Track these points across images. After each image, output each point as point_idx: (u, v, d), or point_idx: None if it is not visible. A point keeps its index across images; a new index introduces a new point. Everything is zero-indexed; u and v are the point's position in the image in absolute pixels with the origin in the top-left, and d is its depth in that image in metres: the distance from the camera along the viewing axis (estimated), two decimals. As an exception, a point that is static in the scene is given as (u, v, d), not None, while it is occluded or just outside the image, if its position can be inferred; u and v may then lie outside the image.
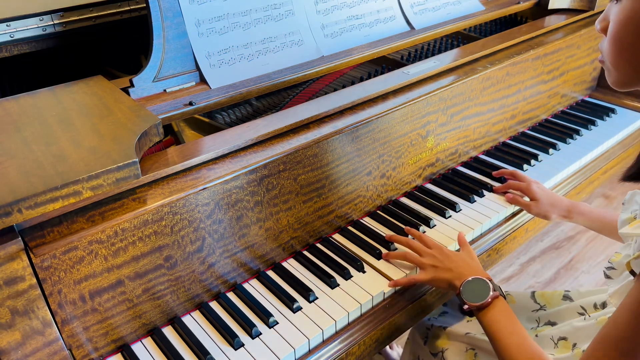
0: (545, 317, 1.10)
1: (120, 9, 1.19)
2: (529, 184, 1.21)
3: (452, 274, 0.96)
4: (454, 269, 0.96)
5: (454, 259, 0.98)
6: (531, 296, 1.15)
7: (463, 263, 0.97)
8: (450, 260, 0.98)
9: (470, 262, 0.98)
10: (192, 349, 0.88)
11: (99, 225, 0.77)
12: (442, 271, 0.97)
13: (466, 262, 0.97)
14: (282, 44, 1.14)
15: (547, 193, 1.19)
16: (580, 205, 1.16)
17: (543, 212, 1.18)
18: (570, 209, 1.15)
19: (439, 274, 0.97)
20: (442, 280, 0.97)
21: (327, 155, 1.02)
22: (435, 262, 0.98)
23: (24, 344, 0.74)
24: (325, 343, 0.92)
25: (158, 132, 0.83)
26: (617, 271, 0.85)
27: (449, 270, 0.96)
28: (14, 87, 1.21)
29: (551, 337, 1.02)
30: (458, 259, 0.98)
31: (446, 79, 1.21)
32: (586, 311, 1.03)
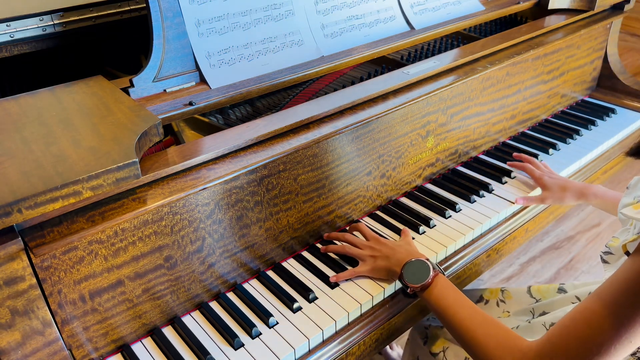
0: (539, 308, 1.10)
1: (120, 9, 1.19)
2: (541, 175, 1.23)
3: (389, 262, 0.97)
4: (391, 256, 0.97)
5: (391, 245, 1.00)
6: (527, 291, 1.15)
7: (400, 249, 0.98)
8: (388, 248, 0.99)
9: (407, 247, 0.99)
10: (192, 349, 0.88)
11: (99, 225, 0.77)
12: (380, 259, 0.98)
13: (403, 247, 0.99)
14: (282, 44, 1.14)
15: (557, 180, 1.21)
16: (593, 187, 1.17)
17: (557, 199, 1.20)
18: (584, 191, 1.17)
19: (377, 263, 0.98)
20: (381, 269, 0.98)
21: (327, 155, 1.02)
22: (373, 252, 1.00)
23: (24, 344, 0.74)
24: (325, 343, 0.92)
25: (158, 132, 0.83)
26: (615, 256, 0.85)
27: (386, 257, 0.97)
28: (14, 87, 1.21)
29: (543, 324, 1.02)
30: (395, 245, 1.00)
31: (446, 79, 1.21)
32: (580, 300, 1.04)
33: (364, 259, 1.00)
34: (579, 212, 2.44)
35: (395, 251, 0.98)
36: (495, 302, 1.19)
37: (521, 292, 1.16)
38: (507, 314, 1.16)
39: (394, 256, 0.97)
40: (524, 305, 1.14)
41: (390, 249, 0.99)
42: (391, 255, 0.98)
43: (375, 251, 1.00)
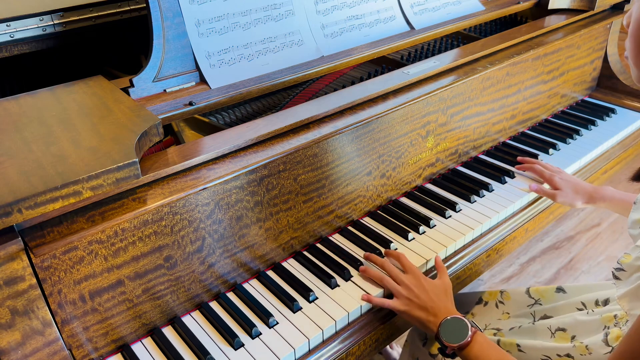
0: (541, 311, 1.10)
1: (120, 9, 1.19)
2: (552, 176, 1.24)
3: (426, 314, 0.92)
4: (429, 308, 0.92)
5: (430, 295, 0.93)
6: (526, 292, 1.15)
7: (438, 301, 0.93)
8: (426, 296, 0.93)
9: (445, 301, 0.94)
10: (192, 349, 0.88)
11: (99, 225, 0.77)
12: (416, 308, 0.93)
13: (442, 301, 0.93)
14: (282, 44, 1.14)
15: (570, 181, 1.22)
16: (603, 190, 1.17)
17: (568, 200, 1.20)
18: (593, 195, 1.18)
19: (413, 311, 0.93)
20: (415, 318, 0.93)
21: (327, 155, 1.02)
22: (410, 295, 0.94)
23: (24, 344, 0.74)
24: (325, 343, 0.92)
25: (158, 132, 0.83)
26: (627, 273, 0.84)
27: (423, 308, 0.92)
28: (14, 87, 1.21)
29: (549, 327, 1.02)
30: (433, 296, 0.93)
31: (446, 79, 1.21)
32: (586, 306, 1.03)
33: (400, 298, 0.95)
34: (579, 212, 2.44)
35: (433, 303, 0.92)
36: (494, 303, 1.19)
37: (520, 293, 1.16)
38: (507, 315, 1.16)
39: (432, 309, 0.92)
40: (523, 306, 1.14)
41: (430, 299, 0.93)
42: (429, 307, 0.92)
43: (413, 295, 0.94)
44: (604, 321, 0.94)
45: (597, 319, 0.95)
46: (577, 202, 1.20)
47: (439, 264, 1.03)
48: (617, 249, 2.21)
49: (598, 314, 0.96)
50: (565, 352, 0.95)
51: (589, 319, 0.97)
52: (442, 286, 0.96)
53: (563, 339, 0.99)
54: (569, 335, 0.98)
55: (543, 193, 1.25)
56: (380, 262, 1.02)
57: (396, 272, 0.99)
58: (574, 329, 0.98)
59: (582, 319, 0.98)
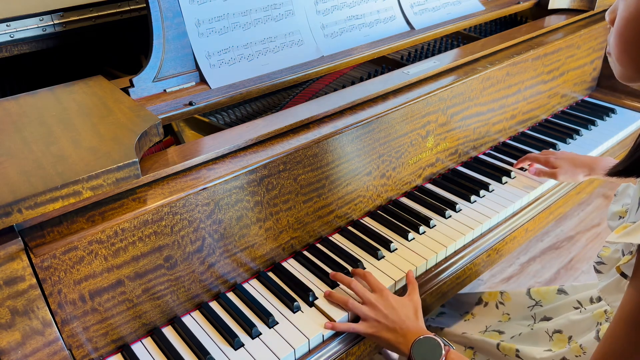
0: (541, 313, 1.10)
1: (120, 9, 1.19)
2: (547, 157, 1.25)
3: (395, 336, 0.87)
4: (398, 330, 0.87)
5: (400, 314, 0.89)
6: (527, 293, 1.15)
7: (407, 320, 0.88)
8: (396, 316, 0.89)
9: (414, 319, 0.89)
10: (192, 349, 0.88)
11: (99, 225, 0.77)
12: (385, 330, 0.88)
13: (410, 320, 0.89)
14: (282, 44, 1.14)
15: (566, 158, 1.23)
16: (601, 160, 1.18)
17: (569, 176, 1.22)
18: (593, 166, 1.19)
19: (381, 333, 0.89)
20: (384, 340, 0.89)
21: (327, 155, 1.02)
22: (378, 316, 0.89)
23: (24, 344, 0.74)
24: (325, 343, 0.92)
25: (158, 132, 0.83)
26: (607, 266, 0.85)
27: (392, 330, 0.88)
28: (14, 87, 1.21)
29: (546, 330, 1.02)
30: (403, 315, 0.89)
31: (446, 79, 1.21)
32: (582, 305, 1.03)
33: (367, 320, 0.91)
34: (579, 212, 2.44)
35: (403, 324, 0.88)
36: (494, 304, 1.19)
37: (520, 294, 1.16)
38: (507, 317, 1.16)
39: (401, 331, 0.87)
40: (523, 307, 1.14)
41: (398, 319, 0.88)
42: (398, 328, 0.87)
43: (381, 315, 0.89)
44: (595, 318, 0.94)
45: (589, 316, 0.96)
46: (579, 176, 1.20)
47: (410, 279, 0.99)
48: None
49: (590, 311, 0.97)
50: (561, 357, 0.95)
51: (581, 318, 0.97)
52: (412, 305, 0.92)
53: (561, 341, 0.99)
54: (566, 337, 0.99)
55: (543, 174, 1.25)
56: (347, 281, 0.96)
57: (362, 291, 0.94)
58: (569, 330, 0.99)
59: (575, 319, 0.98)
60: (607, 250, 0.84)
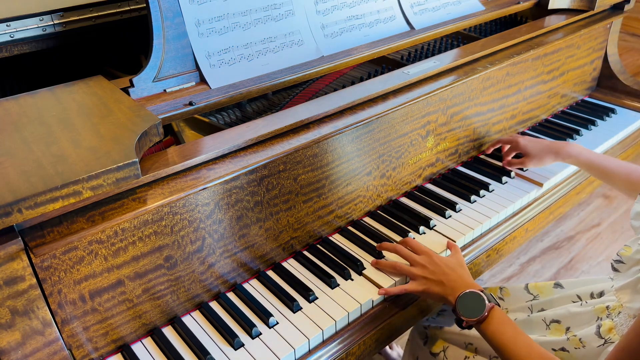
0: (538, 305, 1.10)
1: (120, 9, 1.19)
2: (516, 140, 1.30)
3: (443, 288, 0.93)
4: (446, 282, 0.93)
5: (445, 269, 0.95)
6: (525, 287, 1.16)
7: (454, 275, 0.94)
8: (442, 271, 0.95)
9: (461, 273, 0.95)
10: (192, 349, 0.88)
11: (99, 225, 0.77)
12: (434, 284, 0.94)
13: (457, 274, 0.94)
14: (282, 44, 1.14)
15: (534, 142, 1.28)
16: (569, 146, 1.22)
17: (537, 161, 1.27)
18: (559, 151, 1.23)
19: (431, 287, 0.94)
20: (433, 294, 0.94)
21: (327, 155, 1.02)
22: (426, 273, 0.95)
23: (24, 344, 0.74)
24: (325, 343, 0.92)
25: (158, 132, 0.83)
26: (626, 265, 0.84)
27: (440, 283, 0.93)
28: (14, 87, 1.21)
29: (543, 319, 1.02)
30: (449, 270, 0.95)
31: (446, 79, 1.21)
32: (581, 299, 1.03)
33: (416, 278, 0.96)
34: (579, 212, 2.45)
35: (449, 277, 0.93)
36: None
37: (519, 289, 1.16)
38: (505, 311, 1.16)
39: (448, 283, 0.92)
40: (522, 301, 1.14)
41: (444, 273, 0.94)
42: (445, 281, 0.93)
43: (427, 272, 0.95)
44: (596, 312, 0.94)
45: (589, 310, 0.96)
46: (546, 159, 1.24)
47: (451, 244, 1.07)
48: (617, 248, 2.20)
49: (591, 305, 0.97)
50: (560, 346, 0.95)
51: (582, 310, 0.97)
52: (456, 260, 0.98)
53: (558, 330, 1.00)
54: (564, 327, 0.99)
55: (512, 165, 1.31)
56: (392, 247, 1.03)
57: (408, 254, 1.00)
58: (568, 321, 0.99)
59: (575, 310, 0.98)
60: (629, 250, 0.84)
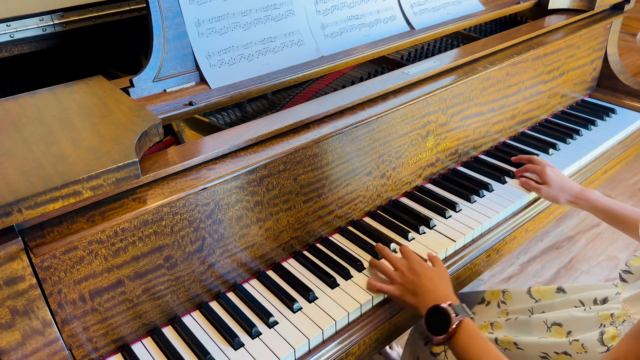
0: (539, 308, 1.10)
1: (120, 9, 1.19)
2: (544, 168, 1.24)
3: (416, 300, 0.91)
4: (419, 294, 0.91)
5: (423, 279, 0.93)
6: (527, 292, 1.16)
7: (430, 286, 0.91)
8: (418, 281, 0.93)
9: (437, 284, 0.92)
10: (192, 349, 0.88)
11: (99, 225, 0.77)
12: (408, 293, 0.93)
13: (433, 285, 0.92)
14: (282, 44, 1.14)
15: (559, 178, 1.22)
16: (588, 192, 1.17)
17: (552, 196, 1.21)
18: (578, 196, 1.18)
19: (405, 296, 0.93)
20: (407, 303, 0.93)
21: (327, 155, 1.02)
22: (403, 281, 0.95)
23: (24, 344, 0.74)
24: (325, 343, 0.92)
25: (158, 132, 0.83)
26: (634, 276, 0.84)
27: (413, 294, 0.92)
28: (14, 87, 1.21)
29: (544, 321, 1.02)
30: (426, 280, 0.93)
31: (446, 79, 1.21)
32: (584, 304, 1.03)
33: (394, 283, 0.97)
34: (579, 212, 2.44)
35: (424, 289, 0.91)
36: (496, 303, 1.19)
37: (521, 293, 1.16)
38: (506, 312, 1.16)
39: (421, 295, 0.91)
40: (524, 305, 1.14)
41: (420, 283, 0.92)
42: (420, 292, 0.91)
43: (406, 280, 0.94)
44: (600, 319, 0.94)
45: (593, 316, 0.95)
46: (561, 200, 1.20)
47: (430, 256, 1.03)
48: (617, 249, 2.21)
49: (595, 311, 0.96)
50: (563, 350, 0.95)
51: (585, 315, 0.97)
52: (437, 270, 0.96)
53: (559, 333, 0.99)
54: (565, 330, 0.99)
55: (528, 186, 1.25)
56: (386, 252, 1.04)
57: (393, 258, 1.01)
58: (570, 325, 0.99)
59: (578, 315, 0.98)
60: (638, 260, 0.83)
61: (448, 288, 0.93)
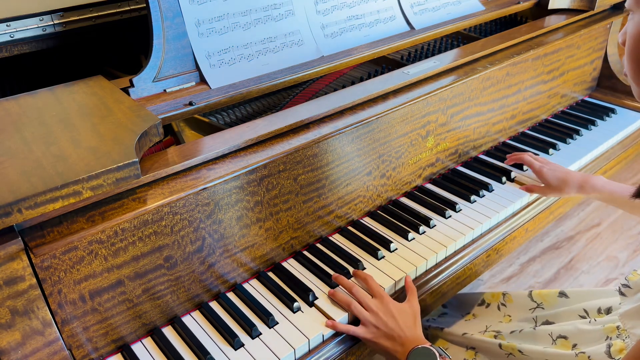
0: (543, 317, 1.10)
1: (120, 9, 1.19)
2: (539, 169, 1.22)
3: (393, 344, 0.87)
4: (397, 338, 0.87)
5: (398, 321, 0.89)
6: (528, 295, 1.15)
7: (406, 329, 0.88)
8: (394, 323, 0.89)
9: (412, 327, 0.89)
10: (192, 349, 0.88)
11: (99, 225, 0.77)
12: (383, 337, 0.88)
13: (409, 328, 0.89)
14: (282, 44, 1.14)
15: (557, 173, 1.21)
16: (593, 179, 1.16)
17: (557, 192, 1.20)
18: (584, 185, 1.16)
19: (379, 339, 0.89)
20: (381, 347, 0.89)
21: (327, 155, 1.02)
22: (378, 323, 0.89)
23: (24, 344, 0.74)
24: (325, 343, 0.92)
25: (158, 132, 0.83)
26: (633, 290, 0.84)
27: (390, 337, 0.88)
28: (14, 87, 1.21)
29: (550, 333, 1.02)
30: (402, 323, 0.89)
31: (446, 79, 1.21)
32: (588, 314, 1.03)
33: (366, 325, 0.91)
34: (579, 212, 2.44)
35: (401, 332, 0.88)
36: (496, 305, 1.19)
37: (522, 296, 1.16)
38: (509, 318, 1.16)
39: (399, 339, 0.87)
40: (525, 309, 1.14)
41: (397, 326, 0.88)
42: (396, 336, 0.87)
43: (379, 321, 0.89)
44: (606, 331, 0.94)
45: (599, 328, 0.95)
46: (567, 192, 1.19)
47: (409, 285, 0.98)
48: (617, 249, 2.21)
49: (600, 323, 0.96)
50: None
51: (591, 328, 0.96)
52: (411, 311, 0.92)
53: (564, 346, 0.99)
54: (570, 343, 0.98)
55: (533, 191, 1.24)
56: (349, 286, 0.96)
57: (363, 296, 0.94)
58: (576, 337, 0.98)
59: (584, 328, 0.97)
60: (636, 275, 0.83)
61: (421, 329, 0.91)
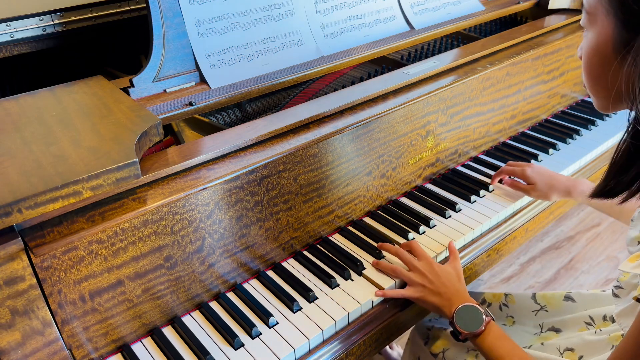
0: (549, 323, 1.09)
1: (120, 9, 1.19)
2: (523, 170, 1.21)
3: (440, 299, 0.93)
4: (443, 294, 0.93)
5: (443, 280, 0.95)
6: (532, 297, 1.15)
7: (451, 287, 0.94)
8: (440, 282, 0.95)
9: (458, 286, 0.95)
10: (192, 349, 0.88)
11: (99, 225, 0.77)
12: (431, 294, 0.94)
13: (454, 286, 0.95)
14: (282, 44, 1.14)
15: (543, 176, 1.20)
16: (581, 184, 1.15)
17: (542, 195, 1.19)
18: (571, 190, 1.16)
19: (427, 297, 0.95)
20: (430, 304, 0.95)
21: (327, 155, 1.02)
22: (424, 282, 0.96)
23: (24, 344, 0.74)
24: (325, 343, 0.92)
25: (158, 132, 0.83)
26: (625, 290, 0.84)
27: (437, 294, 0.94)
28: (14, 87, 1.22)
29: (557, 347, 1.02)
30: (447, 281, 0.95)
31: (446, 79, 1.21)
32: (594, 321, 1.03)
33: (414, 285, 0.97)
34: (579, 212, 2.44)
35: (447, 289, 0.94)
36: (497, 305, 1.18)
37: (525, 297, 1.15)
38: (512, 320, 1.15)
39: (445, 294, 0.93)
40: (528, 311, 1.13)
41: (442, 284, 0.94)
42: (442, 292, 0.93)
43: (426, 280, 0.96)
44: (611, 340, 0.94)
45: (604, 338, 0.95)
46: (552, 197, 1.18)
47: (452, 249, 1.05)
48: (617, 249, 2.21)
49: (606, 333, 0.96)
50: None
51: (597, 339, 0.96)
52: (455, 271, 0.98)
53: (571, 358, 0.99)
54: (577, 356, 0.98)
55: (517, 188, 1.23)
56: (394, 250, 1.03)
57: (409, 259, 1.00)
58: (582, 349, 0.98)
59: (590, 339, 0.97)
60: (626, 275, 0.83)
61: (466, 289, 0.96)
